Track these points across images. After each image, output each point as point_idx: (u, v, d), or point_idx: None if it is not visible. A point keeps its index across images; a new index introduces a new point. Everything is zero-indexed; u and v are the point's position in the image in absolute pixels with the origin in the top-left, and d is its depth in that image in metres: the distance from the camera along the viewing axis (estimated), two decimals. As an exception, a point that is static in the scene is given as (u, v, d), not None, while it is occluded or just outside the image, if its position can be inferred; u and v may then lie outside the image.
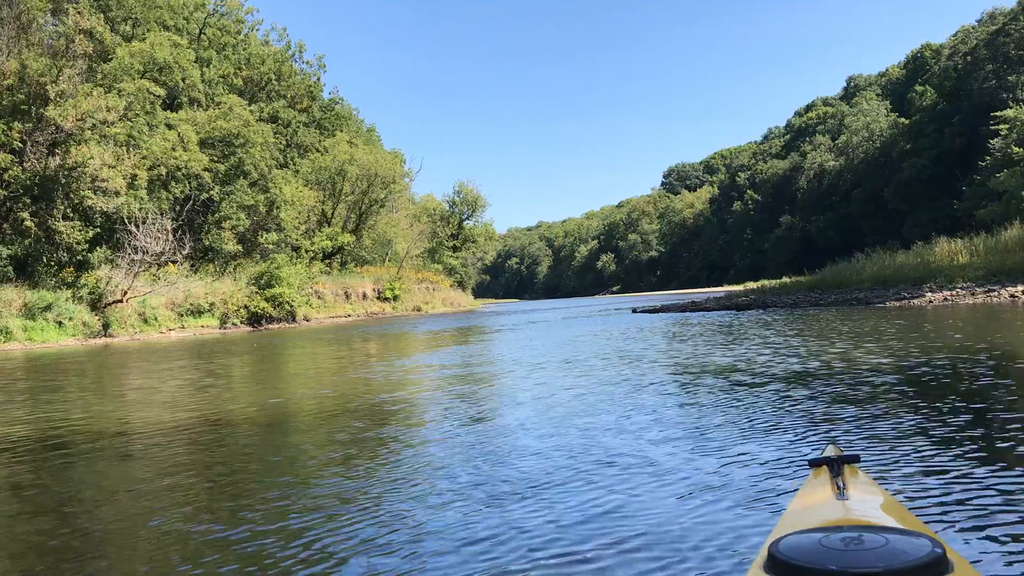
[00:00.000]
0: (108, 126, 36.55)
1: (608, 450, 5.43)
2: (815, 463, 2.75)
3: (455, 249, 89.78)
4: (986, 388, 7.04)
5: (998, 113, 44.57)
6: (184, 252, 38.22)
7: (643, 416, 6.72)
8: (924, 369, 8.54)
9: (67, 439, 7.28)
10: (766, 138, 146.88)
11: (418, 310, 63.95)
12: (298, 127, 64.32)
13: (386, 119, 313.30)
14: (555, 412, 7.25)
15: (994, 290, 22.92)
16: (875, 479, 3.23)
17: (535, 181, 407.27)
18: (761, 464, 4.81)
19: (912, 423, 5.69)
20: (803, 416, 6.25)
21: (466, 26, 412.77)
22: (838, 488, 2.47)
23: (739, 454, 5.11)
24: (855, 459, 2.69)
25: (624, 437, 5.87)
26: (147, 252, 35.64)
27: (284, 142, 60.46)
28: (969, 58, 69.99)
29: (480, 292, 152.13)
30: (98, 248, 36.43)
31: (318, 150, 65.67)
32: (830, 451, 2.94)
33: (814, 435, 5.53)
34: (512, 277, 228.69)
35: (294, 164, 61.68)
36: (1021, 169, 37.64)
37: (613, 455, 5.27)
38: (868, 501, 2.41)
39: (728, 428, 5.98)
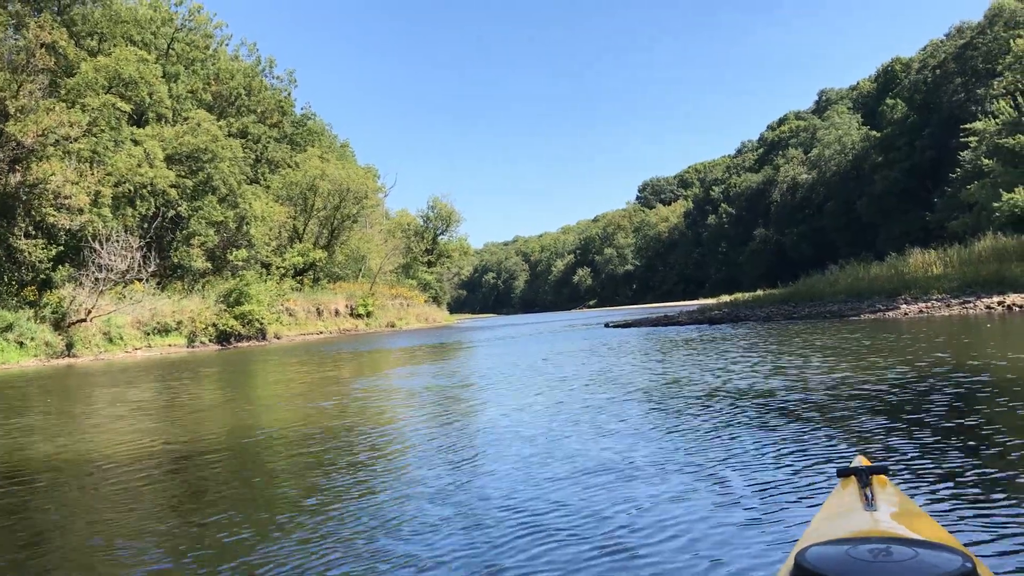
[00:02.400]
0: (71, 142, 35.80)
1: (613, 465, 5.33)
2: (843, 473, 2.69)
3: (430, 264, 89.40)
4: (1003, 402, 6.86)
5: (968, 126, 44.71)
6: (150, 269, 37.41)
7: (647, 435, 6.49)
8: (935, 384, 8.25)
9: (21, 471, 6.88)
10: (739, 152, 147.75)
11: (392, 326, 63.36)
12: (268, 142, 63.68)
13: (362, 134, 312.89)
14: (538, 440, 6.74)
15: (970, 301, 22.74)
16: (904, 491, 3.21)
17: (512, 196, 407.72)
18: (780, 477, 4.80)
19: (934, 438, 5.56)
20: (812, 432, 6.13)
21: (444, 35, 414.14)
22: (866, 499, 2.42)
23: (755, 468, 5.09)
24: (884, 470, 2.65)
25: (633, 455, 5.68)
26: (112, 270, 34.87)
27: (254, 157, 59.79)
28: (938, 71, 70.72)
29: (457, 307, 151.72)
30: (61, 266, 35.60)
31: (289, 165, 65.02)
32: (858, 461, 2.88)
33: (822, 448, 5.53)
34: (489, 292, 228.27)
35: (265, 180, 61.00)
36: (991, 181, 37.67)
37: (617, 471, 5.17)
38: (897, 512, 2.37)
39: (731, 444, 5.88)
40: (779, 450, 5.53)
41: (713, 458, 5.43)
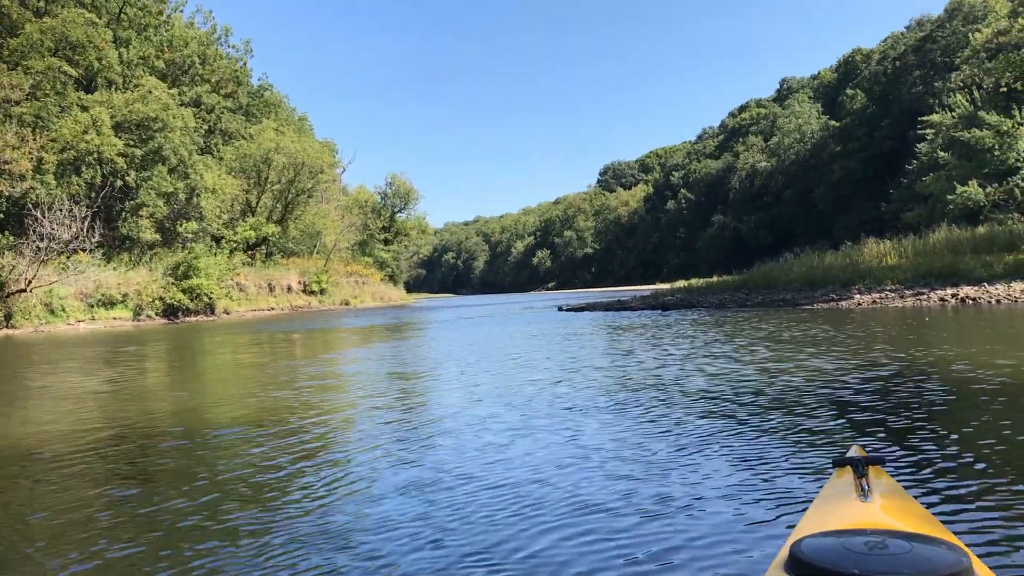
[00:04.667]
0: (12, 105, 34.49)
1: (602, 461, 5.03)
2: (839, 463, 2.68)
3: (387, 242, 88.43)
4: (988, 395, 6.78)
5: (925, 118, 45.05)
6: (95, 240, 36.23)
7: (630, 426, 6.17)
8: (919, 377, 8.01)
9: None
10: (700, 138, 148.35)
11: (346, 304, 62.59)
12: (222, 113, 62.16)
13: (321, 108, 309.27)
14: (500, 434, 6.20)
15: (923, 293, 22.73)
16: (899, 482, 3.21)
17: (473, 176, 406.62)
18: (772, 466, 4.71)
19: (923, 430, 5.45)
20: (796, 422, 5.95)
21: (409, 14, 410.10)
22: (862, 490, 2.41)
23: (744, 457, 4.99)
24: (880, 461, 2.62)
25: (610, 449, 5.38)
26: (55, 239, 33.73)
27: (207, 128, 58.30)
28: (898, 63, 71.35)
29: (416, 286, 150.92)
30: (1, 235, 34.36)
31: (243, 137, 63.59)
32: (854, 452, 2.84)
33: (807, 438, 5.46)
34: (448, 272, 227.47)
35: (218, 151, 59.58)
36: (946, 173, 37.95)
37: (605, 466, 4.88)
38: (893, 505, 2.36)
39: (714, 433, 5.72)
40: (767, 440, 5.41)
41: (699, 447, 5.27)
